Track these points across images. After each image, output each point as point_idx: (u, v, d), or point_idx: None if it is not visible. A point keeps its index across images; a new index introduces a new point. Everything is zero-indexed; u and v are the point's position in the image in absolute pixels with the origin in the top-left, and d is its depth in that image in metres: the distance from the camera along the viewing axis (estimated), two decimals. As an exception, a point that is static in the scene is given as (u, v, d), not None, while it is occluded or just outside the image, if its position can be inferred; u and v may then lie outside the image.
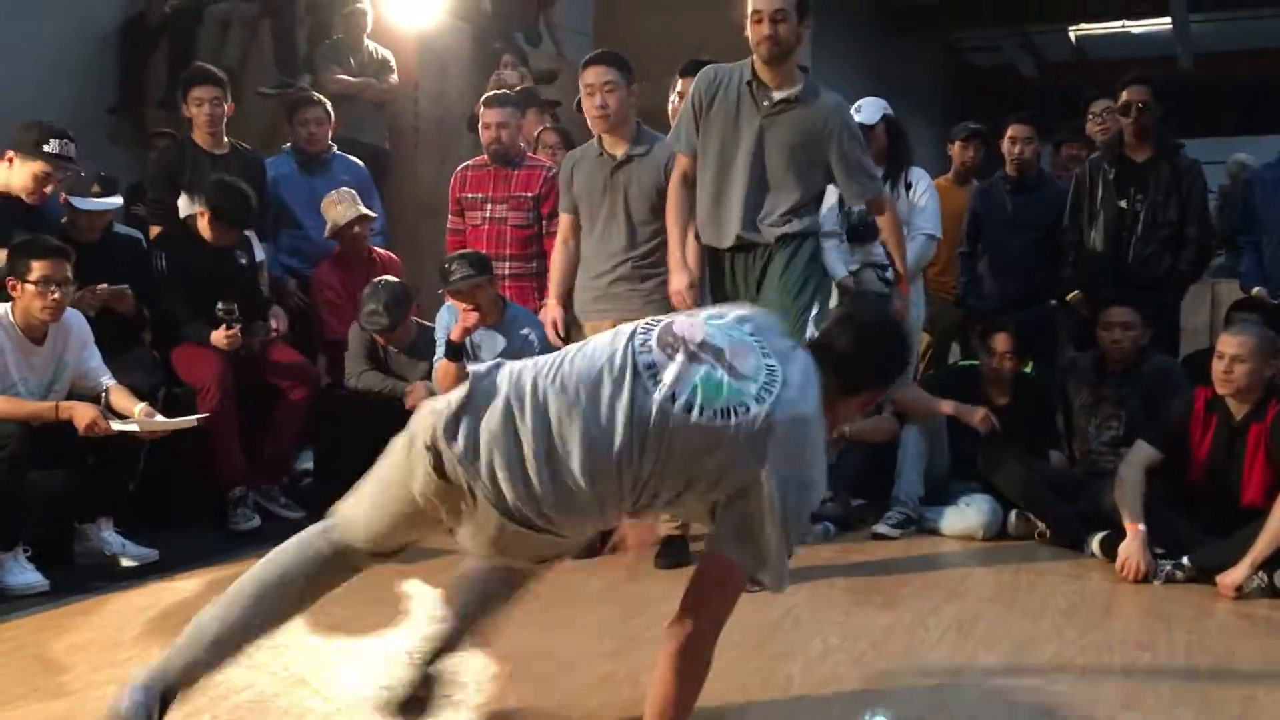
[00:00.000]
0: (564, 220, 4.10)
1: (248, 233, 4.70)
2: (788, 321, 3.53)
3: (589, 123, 4.00)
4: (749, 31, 3.60)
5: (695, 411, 2.04)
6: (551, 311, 4.07)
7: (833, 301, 4.03)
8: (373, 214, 5.17)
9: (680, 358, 2.10)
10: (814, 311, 3.68)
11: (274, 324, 4.69)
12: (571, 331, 4.05)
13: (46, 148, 4.09)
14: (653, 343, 2.13)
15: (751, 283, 3.69)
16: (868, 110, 4.76)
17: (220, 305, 4.49)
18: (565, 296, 4.09)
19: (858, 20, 14.15)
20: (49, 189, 4.20)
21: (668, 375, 2.08)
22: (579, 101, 4.32)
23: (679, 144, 3.81)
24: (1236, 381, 3.74)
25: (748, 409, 2.05)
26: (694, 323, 2.19)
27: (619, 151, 3.91)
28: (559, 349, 3.99)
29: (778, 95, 3.64)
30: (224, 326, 4.41)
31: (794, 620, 3.30)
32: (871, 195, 3.88)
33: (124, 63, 7.15)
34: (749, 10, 3.58)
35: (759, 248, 3.69)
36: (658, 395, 2.06)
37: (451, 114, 6.69)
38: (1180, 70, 15.29)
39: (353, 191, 5.16)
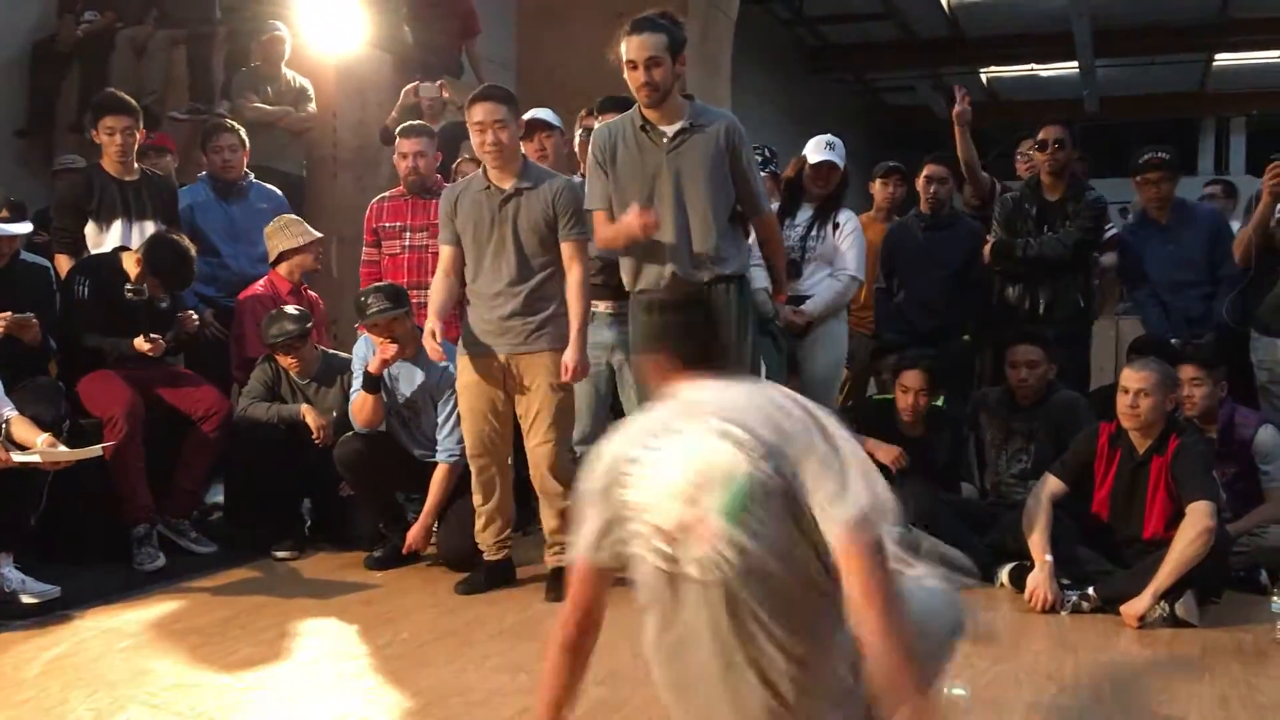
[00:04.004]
0: (446, 253, 4.02)
1: None
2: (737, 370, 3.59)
3: (479, 157, 3.97)
4: (626, 78, 3.64)
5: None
6: (430, 323, 3.94)
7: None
8: (319, 235, 5.17)
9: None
10: (764, 371, 3.74)
11: (186, 322, 4.63)
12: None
13: None
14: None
15: None
16: (839, 152, 4.88)
17: (129, 285, 4.45)
18: (444, 316, 4.01)
19: (776, 59, 14.41)
20: None
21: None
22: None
23: (595, 201, 3.83)
24: (1142, 415, 3.85)
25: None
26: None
27: (507, 185, 3.89)
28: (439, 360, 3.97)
29: (672, 130, 3.69)
30: (142, 335, 4.35)
31: (710, 653, 3.30)
32: (761, 212, 3.96)
33: (34, 86, 7.00)
34: (624, 59, 3.62)
35: (693, 286, 3.71)
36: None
37: (371, 143, 6.66)
38: (1086, 112, 15.80)
39: (299, 220, 5.16)
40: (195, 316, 4.70)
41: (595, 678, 2.98)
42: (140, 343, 4.34)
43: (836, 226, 4.80)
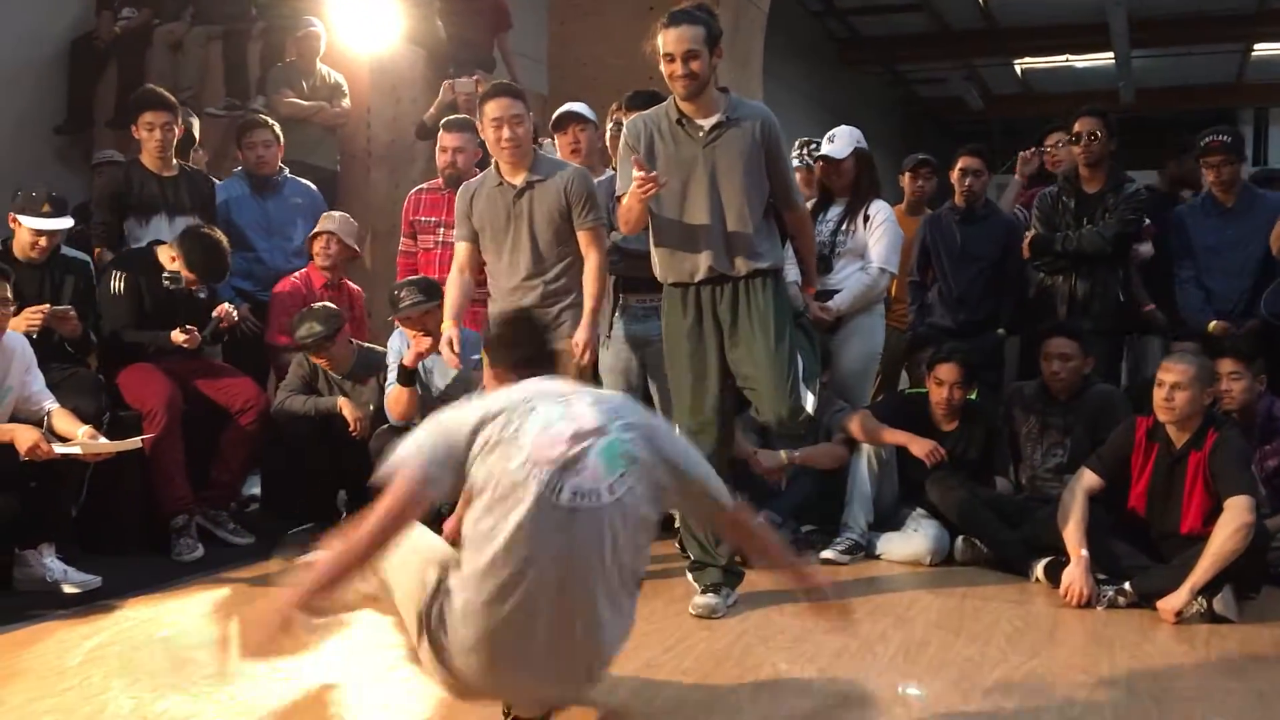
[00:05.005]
0: (461, 250, 4.07)
1: None
2: (777, 362, 3.58)
3: (494, 153, 4.00)
4: (663, 70, 3.63)
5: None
6: (448, 331, 4.00)
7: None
8: (338, 235, 5.17)
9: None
10: (801, 365, 3.69)
11: (221, 315, 4.64)
12: None
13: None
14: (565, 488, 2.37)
15: (724, 313, 3.68)
16: (840, 142, 4.82)
17: (165, 274, 4.49)
18: (459, 318, 4.07)
19: (807, 51, 14.34)
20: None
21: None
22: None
23: (625, 187, 3.80)
24: (1178, 409, 3.81)
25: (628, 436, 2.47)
26: (553, 437, 2.41)
27: (519, 180, 3.92)
28: (457, 369, 4.00)
29: (708, 124, 3.67)
30: (179, 329, 4.40)
31: (743, 646, 3.31)
32: (794, 206, 3.91)
33: (72, 82, 7.10)
34: (661, 52, 3.61)
35: (729, 280, 3.70)
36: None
37: (405, 138, 6.69)
38: (1122, 104, 15.63)
39: (347, 216, 5.23)
40: (233, 309, 4.73)
41: (628, 669, 3.00)
42: (177, 335, 4.40)
43: (868, 219, 4.78)
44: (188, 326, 4.42)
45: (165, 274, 4.52)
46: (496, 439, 2.40)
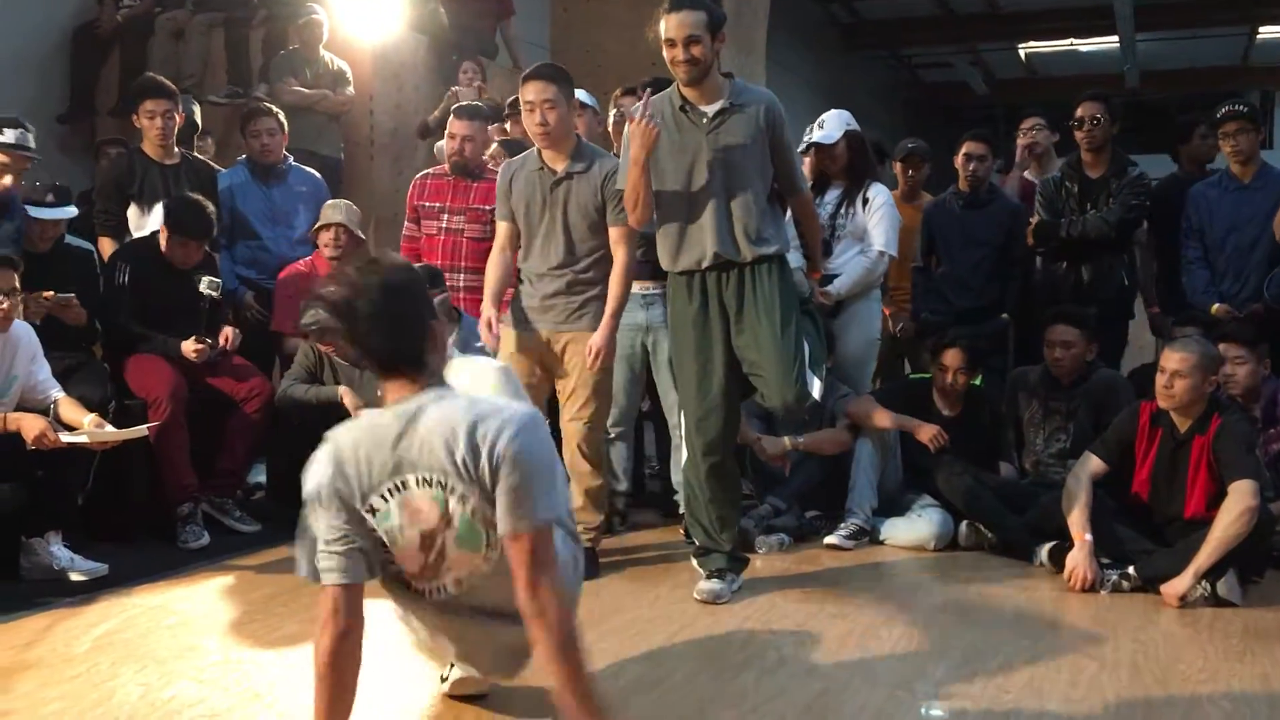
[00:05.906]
0: (502, 229, 4.06)
1: (214, 254, 4.68)
2: (783, 348, 3.58)
3: (531, 138, 3.99)
4: (665, 56, 3.62)
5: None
6: (486, 311, 4.00)
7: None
8: (345, 223, 5.11)
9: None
10: (807, 351, 3.68)
11: (224, 340, 4.64)
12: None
13: (1, 138, 4.08)
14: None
15: (730, 299, 3.68)
16: (830, 126, 4.80)
17: (208, 281, 4.49)
18: (499, 300, 4.08)
19: (811, 36, 14.32)
20: (8, 180, 4.19)
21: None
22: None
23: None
24: (1177, 396, 3.82)
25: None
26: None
27: (559, 167, 3.89)
28: (494, 350, 4.01)
29: (712, 110, 3.65)
30: (193, 339, 4.40)
31: (749, 631, 3.32)
32: (798, 191, 3.90)
33: (75, 71, 7.10)
34: (662, 37, 3.60)
35: (735, 266, 3.70)
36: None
37: (408, 125, 6.69)
38: (1127, 87, 15.59)
39: (350, 204, 5.19)
40: (230, 335, 4.67)
41: (634, 655, 3.02)
42: (188, 347, 4.40)
43: (866, 202, 4.77)
44: (200, 339, 4.41)
45: (208, 280, 4.53)
46: (374, 525, 2.34)
